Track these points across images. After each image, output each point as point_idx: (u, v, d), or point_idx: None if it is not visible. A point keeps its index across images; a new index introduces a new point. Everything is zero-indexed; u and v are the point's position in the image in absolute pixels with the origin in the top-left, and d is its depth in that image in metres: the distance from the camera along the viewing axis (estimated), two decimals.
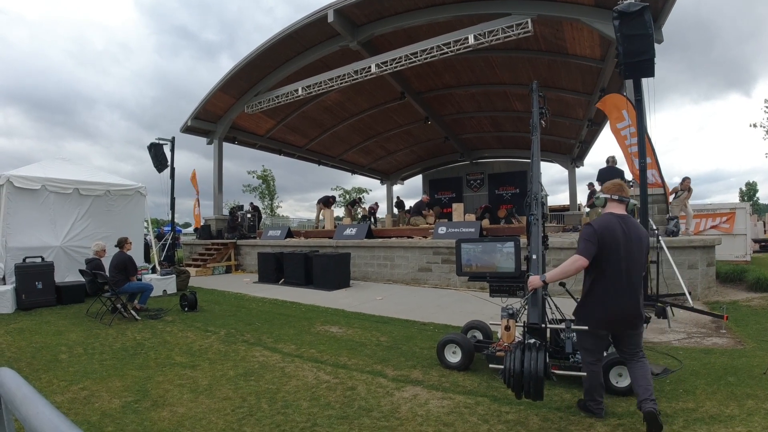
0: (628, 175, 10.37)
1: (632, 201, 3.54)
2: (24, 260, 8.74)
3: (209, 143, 19.01)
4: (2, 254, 8.89)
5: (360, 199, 23.71)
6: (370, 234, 14.08)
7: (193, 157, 60.67)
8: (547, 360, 3.09)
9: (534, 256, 3.70)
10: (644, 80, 7.40)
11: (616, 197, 3.56)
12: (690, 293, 7.25)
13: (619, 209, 3.53)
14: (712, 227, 13.86)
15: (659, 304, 6.66)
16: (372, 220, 22.03)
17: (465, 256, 4.59)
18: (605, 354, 3.99)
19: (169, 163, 14.47)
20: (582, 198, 22.88)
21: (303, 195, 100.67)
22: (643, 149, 7.38)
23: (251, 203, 21.93)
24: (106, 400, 3.99)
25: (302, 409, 3.75)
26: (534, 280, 3.46)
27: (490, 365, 4.31)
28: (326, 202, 19.71)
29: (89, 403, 3.94)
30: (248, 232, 18.42)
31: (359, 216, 22.12)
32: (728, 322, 6.28)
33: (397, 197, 24.31)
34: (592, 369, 3.50)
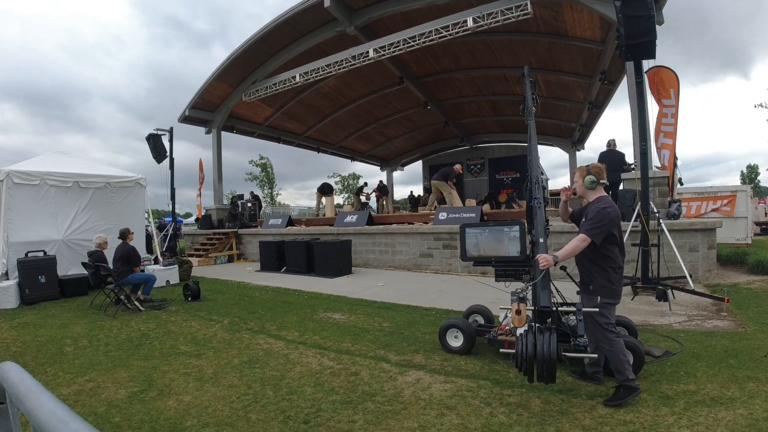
0: (629, 158, 10.33)
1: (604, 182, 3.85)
2: (26, 255, 8.74)
3: (207, 133, 18.92)
4: (4, 250, 8.90)
5: (366, 184, 23.25)
6: (370, 221, 14.09)
7: (190, 147, 60.55)
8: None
9: (541, 240, 3.70)
10: (644, 62, 7.36)
11: (603, 181, 3.84)
12: (691, 276, 7.25)
13: (603, 192, 3.86)
14: (713, 210, 13.84)
15: (660, 287, 6.69)
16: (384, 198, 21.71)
17: (470, 241, 4.57)
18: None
19: (168, 153, 14.43)
20: None
21: (302, 183, 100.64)
22: (644, 131, 7.36)
23: (251, 192, 21.89)
24: (112, 391, 4.03)
25: (307, 395, 3.80)
26: (547, 258, 3.41)
27: (501, 350, 4.34)
28: (323, 190, 19.58)
29: (96, 394, 3.98)
30: (249, 221, 18.43)
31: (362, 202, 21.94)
32: (729, 304, 6.29)
33: (380, 181, 23.72)
34: (619, 341, 3.61)
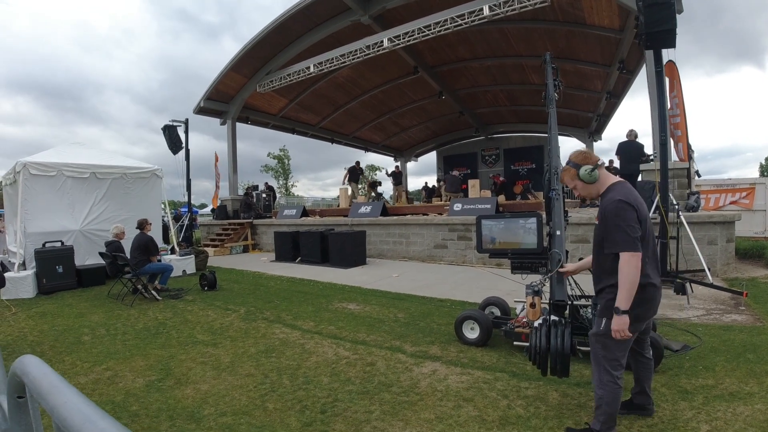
0: (648, 149, 10.16)
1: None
2: (43, 245, 8.81)
3: (222, 124, 19.03)
4: (21, 240, 9.00)
5: (377, 180, 23.11)
6: (385, 212, 14.06)
7: (204, 139, 61.13)
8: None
9: (558, 232, 3.64)
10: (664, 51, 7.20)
11: (602, 162, 2.87)
12: (709, 269, 7.15)
13: (611, 176, 2.90)
14: (732, 203, 13.57)
15: (678, 280, 6.60)
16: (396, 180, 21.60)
17: (486, 233, 4.53)
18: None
19: (183, 144, 14.52)
20: None
21: (315, 174, 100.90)
22: (664, 122, 7.23)
23: (266, 183, 22.00)
24: (129, 380, 4.07)
25: (323, 385, 3.80)
26: (621, 323, 2.61)
27: (515, 342, 4.31)
28: (353, 172, 19.69)
29: (113, 383, 4.02)
30: (264, 211, 18.54)
31: (375, 194, 21.86)
32: (747, 299, 6.19)
33: (396, 166, 23.37)
34: (618, 386, 2.76)
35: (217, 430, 3.12)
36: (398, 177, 21.54)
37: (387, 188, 22.63)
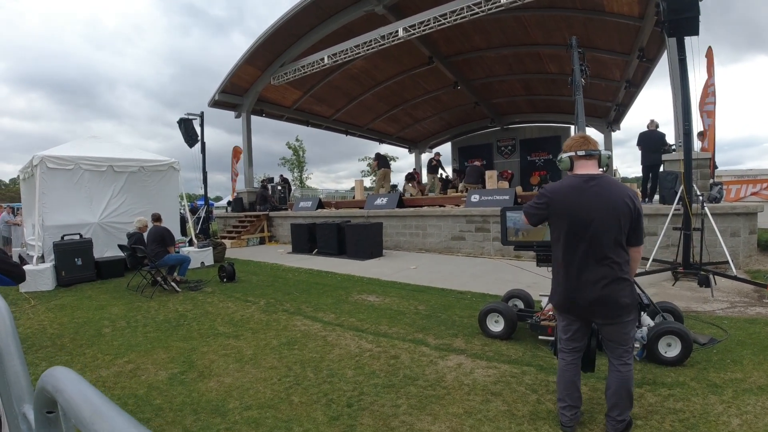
0: (670, 139, 9.97)
1: (604, 153, 2.85)
2: (62, 238, 8.86)
3: (237, 116, 19.03)
4: (40, 233, 9.07)
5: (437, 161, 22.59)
6: (401, 203, 14.00)
7: (216, 133, 61.58)
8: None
9: None
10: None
11: (582, 152, 2.83)
12: (732, 261, 7.02)
13: (588, 167, 2.83)
14: (753, 194, 13.31)
15: (702, 273, 6.49)
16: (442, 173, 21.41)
17: (511, 225, 4.45)
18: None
19: (199, 138, 14.56)
20: (617, 163, 22.07)
21: (328, 166, 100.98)
22: (687, 111, 7.05)
23: (281, 175, 22.00)
24: (152, 373, 4.06)
25: (348, 378, 3.77)
26: None
27: (540, 336, 4.24)
28: (409, 178, 20.10)
29: (135, 376, 4.02)
30: (279, 203, 18.58)
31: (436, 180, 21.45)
32: None
33: (437, 153, 22.83)
34: (562, 358, 2.97)
35: (243, 424, 3.10)
36: (436, 167, 21.31)
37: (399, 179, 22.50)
